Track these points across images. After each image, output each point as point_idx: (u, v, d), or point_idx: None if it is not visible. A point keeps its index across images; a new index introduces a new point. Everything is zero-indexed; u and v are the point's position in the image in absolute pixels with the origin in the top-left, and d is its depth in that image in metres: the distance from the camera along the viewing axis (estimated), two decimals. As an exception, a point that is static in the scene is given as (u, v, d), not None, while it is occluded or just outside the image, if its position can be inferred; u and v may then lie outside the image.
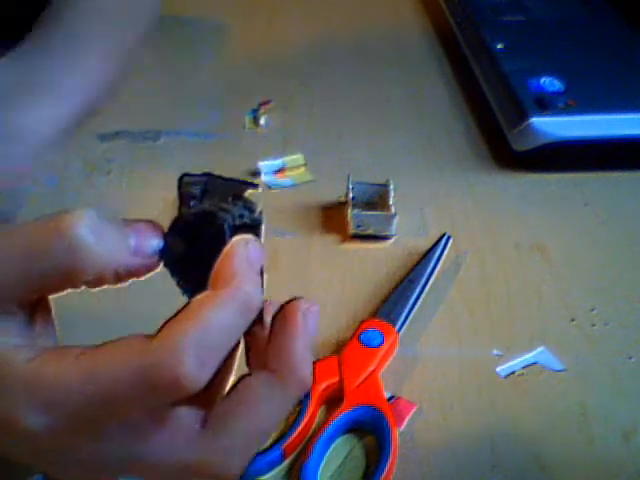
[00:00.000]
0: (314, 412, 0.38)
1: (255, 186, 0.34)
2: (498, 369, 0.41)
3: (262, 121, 0.63)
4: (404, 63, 0.74)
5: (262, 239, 0.33)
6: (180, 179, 0.32)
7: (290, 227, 0.52)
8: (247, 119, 0.64)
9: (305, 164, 0.58)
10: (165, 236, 0.29)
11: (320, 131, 0.63)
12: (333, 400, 0.39)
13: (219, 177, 0.33)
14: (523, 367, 0.41)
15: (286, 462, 0.36)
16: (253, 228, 0.33)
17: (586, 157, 0.57)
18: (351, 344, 0.41)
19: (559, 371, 0.41)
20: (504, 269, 0.48)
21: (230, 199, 0.34)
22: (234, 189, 0.34)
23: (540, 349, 0.42)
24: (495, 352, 0.42)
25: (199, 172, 0.33)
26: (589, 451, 0.37)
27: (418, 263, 0.47)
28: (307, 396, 0.38)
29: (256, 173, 0.56)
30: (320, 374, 0.39)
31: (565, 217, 0.53)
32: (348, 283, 0.47)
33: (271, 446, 0.36)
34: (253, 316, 0.28)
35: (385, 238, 0.50)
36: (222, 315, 0.27)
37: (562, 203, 0.55)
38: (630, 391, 0.40)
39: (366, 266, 0.48)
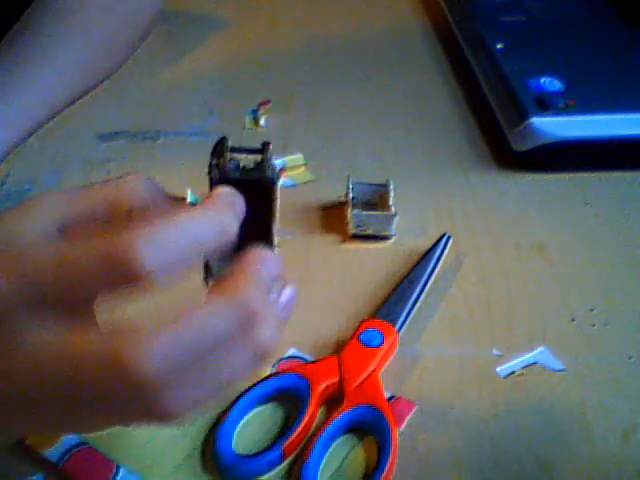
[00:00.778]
0: (314, 412, 0.38)
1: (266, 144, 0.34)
2: (498, 369, 0.41)
3: (262, 121, 0.63)
4: (404, 63, 0.74)
5: (277, 207, 0.33)
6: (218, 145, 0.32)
7: (290, 227, 0.52)
8: (247, 119, 0.64)
9: (305, 164, 0.58)
10: None
11: (320, 131, 0.63)
12: (333, 400, 0.39)
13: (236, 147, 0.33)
14: (523, 367, 0.41)
15: (286, 462, 0.36)
16: (263, 187, 0.33)
17: (586, 157, 0.57)
18: (351, 344, 0.41)
19: (559, 371, 0.41)
20: (504, 269, 0.48)
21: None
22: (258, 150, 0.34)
23: (540, 349, 0.42)
24: (495, 352, 0.42)
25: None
26: (589, 451, 0.37)
27: (418, 263, 0.47)
28: (307, 396, 0.38)
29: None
30: (320, 374, 0.39)
31: (565, 217, 0.53)
32: (348, 283, 0.47)
33: (271, 446, 0.36)
34: (223, 242, 0.28)
35: (385, 238, 0.50)
36: (193, 224, 0.28)
37: (562, 203, 0.55)
38: (630, 391, 0.40)
39: (366, 266, 0.48)
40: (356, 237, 0.50)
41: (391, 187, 0.51)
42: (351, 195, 0.51)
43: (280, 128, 0.63)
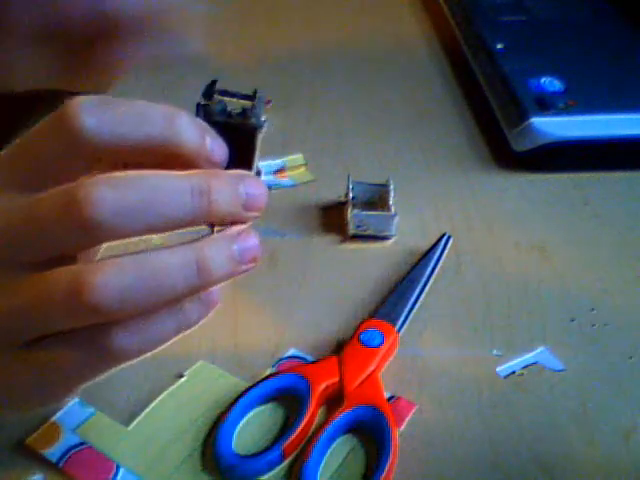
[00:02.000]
0: (314, 412, 0.38)
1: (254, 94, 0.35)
2: (498, 369, 0.41)
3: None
4: (404, 63, 0.74)
5: (257, 156, 0.34)
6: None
7: (290, 227, 0.52)
8: (247, 119, 0.64)
9: (305, 164, 0.58)
10: None
11: (320, 131, 0.63)
12: (333, 400, 0.39)
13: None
14: (523, 367, 0.41)
15: (286, 462, 0.36)
16: (245, 133, 0.33)
17: (586, 157, 0.57)
18: (351, 344, 0.41)
19: (559, 371, 0.41)
20: (504, 269, 0.48)
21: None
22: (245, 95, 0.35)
23: (540, 349, 0.42)
24: (495, 352, 0.42)
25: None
26: (589, 451, 0.37)
27: (418, 263, 0.47)
28: (307, 396, 0.38)
29: (256, 173, 0.56)
30: (320, 374, 0.39)
31: (565, 217, 0.53)
32: (348, 283, 0.47)
33: (271, 446, 0.36)
34: (165, 135, 0.29)
35: (385, 238, 0.50)
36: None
37: (562, 203, 0.55)
38: (630, 391, 0.40)
39: (366, 266, 0.48)
40: (356, 237, 0.50)
41: (391, 187, 0.51)
42: (351, 195, 0.51)
43: (280, 128, 0.63)
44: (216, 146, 0.30)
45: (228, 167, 0.31)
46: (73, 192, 0.26)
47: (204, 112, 0.32)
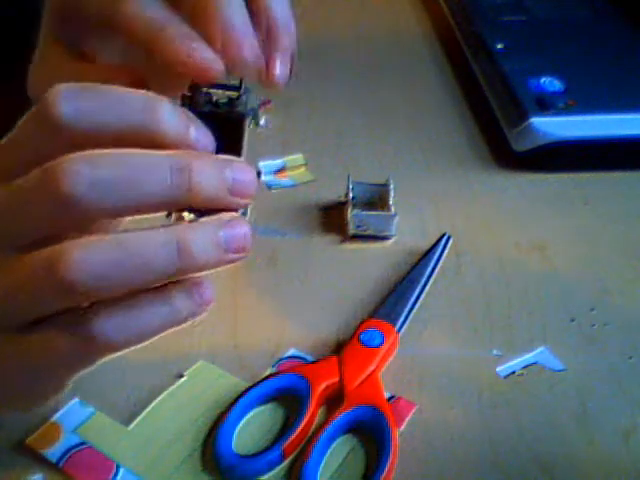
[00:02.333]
0: (314, 412, 0.38)
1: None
2: (498, 369, 0.41)
3: (262, 121, 0.63)
4: (404, 63, 0.74)
5: (244, 145, 0.33)
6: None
7: (290, 227, 0.52)
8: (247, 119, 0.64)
9: (305, 164, 0.58)
10: None
11: (320, 131, 0.63)
12: (333, 400, 0.39)
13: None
14: (523, 367, 0.41)
15: (286, 462, 0.36)
16: (232, 122, 0.33)
17: (586, 157, 0.57)
18: (351, 344, 0.41)
19: (559, 371, 0.41)
20: (504, 269, 0.48)
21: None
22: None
23: (540, 349, 0.42)
24: (495, 352, 0.42)
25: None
26: (589, 451, 0.37)
27: (418, 263, 0.47)
28: (307, 396, 0.38)
29: (256, 173, 0.56)
30: (320, 374, 0.39)
31: (565, 217, 0.53)
32: (348, 283, 0.47)
33: (271, 446, 0.36)
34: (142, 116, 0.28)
35: (385, 238, 0.50)
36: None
37: (562, 203, 0.55)
38: (630, 391, 0.40)
39: (366, 266, 0.48)
40: (356, 237, 0.50)
41: (391, 187, 0.51)
42: (351, 195, 0.51)
43: (280, 128, 0.63)
44: (201, 136, 0.29)
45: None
46: (51, 168, 0.26)
47: (189, 102, 0.32)
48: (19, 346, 0.29)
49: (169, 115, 0.28)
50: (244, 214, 0.31)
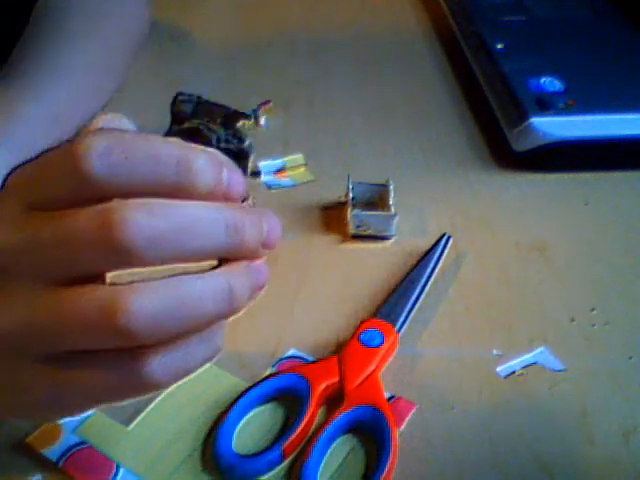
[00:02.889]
0: (314, 412, 0.38)
1: (247, 116, 0.35)
2: (498, 369, 0.41)
3: (262, 121, 0.63)
4: (404, 63, 0.74)
5: (248, 171, 0.33)
6: (174, 97, 0.33)
7: (290, 227, 0.52)
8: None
9: (305, 164, 0.58)
10: None
11: (320, 131, 0.63)
12: (333, 400, 0.39)
13: (210, 101, 0.33)
14: (523, 367, 0.41)
15: (286, 462, 0.36)
16: (240, 157, 0.33)
17: (586, 157, 0.57)
18: (351, 344, 0.41)
19: (559, 371, 0.41)
20: (504, 269, 0.48)
21: (219, 122, 0.34)
22: (224, 113, 0.35)
23: (540, 349, 0.42)
24: (495, 352, 0.42)
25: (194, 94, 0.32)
26: (589, 451, 0.37)
27: (418, 263, 0.47)
28: (307, 396, 0.38)
29: (256, 173, 0.56)
30: (320, 374, 0.39)
31: (565, 217, 0.53)
32: (348, 283, 0.47)
33: (271, 446, 0.36)
34: (183, 182, 0.27)
35: (385, 238, 0.50)
36: (159, 147, 0.27)
37: (562, 203, 0.55)
38: (630, 391, 0.40)
39: (366, 266, 0.48)
40: (356, 237, 0.50)
41: (391, 187, 0.51)
42: (351, 195, 0.51)
43: (280, 128, 0.63)
44: (234, 178, 0.29)
45: None
46: (108, 214, 0.25)
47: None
48: (45, 376, 0.28)
49: (203, 167, 0.28)
50: None
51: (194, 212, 0.27)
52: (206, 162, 0.28)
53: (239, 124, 0.35)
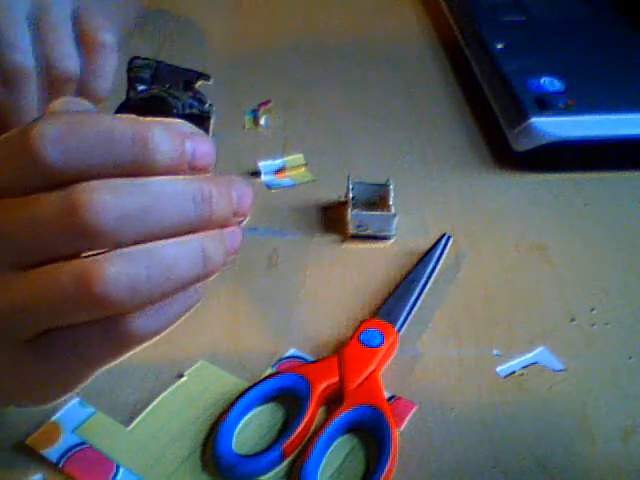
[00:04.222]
0: (314, 412, 0.38)
1: (206, 77, 0.34)
2: (498, 369, 0.41)
3: (262, 121, 0.63)
4: (404, 63, 0.74)
5: (210, 133, 0.33)
6: (130, 62, 0.32)
7: (290, 227, 0.52)
8: (247, 119, 0.64)
9: (305, 164, 0.58)
10: None
11: (320, 131, 0.63)
12: (333, 400, 0.39)
13: (169, 65, 0.33)
14: (523, 367, 0.41)
15: (286, 462, 0.36)
16: (202, 120, 0.33)
17: (586, 157, 0.57)
18: (351, 344, 0.41)
19: (559, 371, 0.41)
20: (504, 269, 0.48)
21: (182, 87, 0.34)
22: (185, 77, 0.34)
23: (540, 349, 0.42)
24: (495, 352, 0.42)
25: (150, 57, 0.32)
26: (589, 451, 0.37)
27: (418, 263, 0.47)
28: (307, 396, 0.38)
29: (256, 173, 0.56)
30: (320, 374, 0.39)
31: (565, 217, 0.53)
32: (348, 283, 0.47)
33: (271, 446, 0.36)
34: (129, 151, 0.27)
35: (385, 238, 0.50)
36: (105, 124, 0.26)
37: (562, 203, 0.55)
38: (630, 391, 0.40)
39: (366, 266, 0.48)
40: (356, 237, 0.50)
41: (391, 187, 0.51)
42: (351, 195, 0.51)
43: (280, 128, 0.63)
44: (200, 151, 0.28)
45: None
46: (72, 198, 0.25)
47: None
48: (38, 354, 0.28)
49: (161, 142, 0.27)
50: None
51: (159, 187, 0.27)
52: (163, 135, 0.27)
53: (197, 85, 0.34)
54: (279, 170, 0.57)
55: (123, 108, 0.30)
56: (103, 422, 0.38)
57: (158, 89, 0.32)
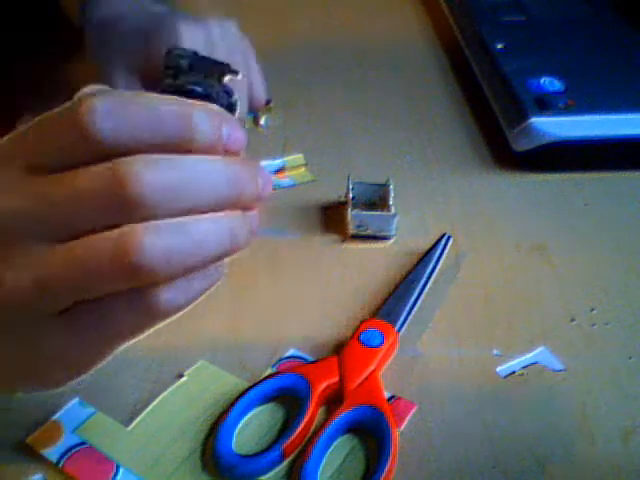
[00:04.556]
0: (314, 412, 0.38)
1: (235, 72, 0.35)
2: (498, 369, 0.41)
3: (262, 121, 0.63)
4: (404, 63, 0.74)
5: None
6: (168, 52, 0.33)
7: (290, 227, 0.52)
8: (247, 119, 0.64)
9: (305, 164, 0.58)
10: None
11: (320, 131, 0.63)
12: (333, 400, 0.39)
13: (204, 57, 0.34)
14: (523, 367, 0.41)
15: (286, 462, 0.36)
16: (229, 111, 0.34)
17: (586, 157, 0.57)
18: (351, 344, 0.41)
19: (559, 371, 0.41)
20: (504, 269, 0.48)
21: (216, 77, 0.35)
22: (218, 70, 0.35)
23: (540, 349, 0.42)
24: (495, 352, 0.42)
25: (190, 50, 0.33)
26: (589, 451, 0.37)
27: (418, 263, 0.47)
28: (307, 396, 0.38)
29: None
30: (320, 374, 0.39)
31: (565, 217, 0.53)
32: (348, 283, 0.47)
33: (271, 446, 0.36)
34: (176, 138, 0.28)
35: (385, 238, 0.50)
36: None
37: (562, 203, 0.55)
38: (630, 391, 0.40)
39: (366, 266, 0.48)
40: (356, 237, 0.50)
41: (391, 187, 0.51)
42: (351, 195, 0.51)
43: (280, 128, 0.63)
44: (233, 136, 0.30)
45: None
46: (119, 170, 0.26)
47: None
48: (64, 328, 0.28)
49: (202, 121, 0.29)
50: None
51: (198, 165, 0.28)
52: (203, 116, 0.29)
53: (226, 78, 0.35)
54: (279, 170, 0.57)
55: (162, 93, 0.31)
56: (103, 422, 0.38)
57: (192, 79, 0.33)
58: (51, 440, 0.36)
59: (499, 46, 0.67)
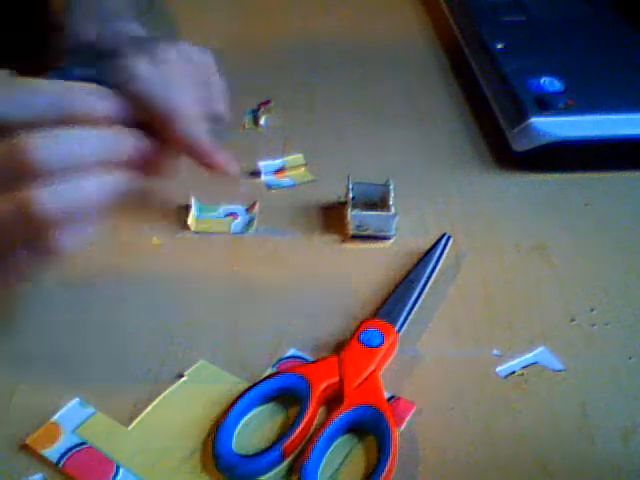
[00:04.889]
0: (314, 412, 0.38)
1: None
2: (498, 369, 0.41)
3: (262, 121, 0.63)
4: (404, 63, 0.74)
5: None
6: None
7: (290, 227, 0.52)
8: (247, 119, 0.64)
9: (305, 164, 0.58)
10: None
11: (320, 131, 0.63)
12: (333, 400, 0.39)
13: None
14: (523, 367, 0.41)
15: (286, 462, 0.36)
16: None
17: (586, 157, 0.57)
18: (351, 344, 0.41)
19: (559, 371, 0.41)
20: (504, 269, 0.48)
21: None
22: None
23: (540, 349, 0.42)
24: (495, 352, 0.42)
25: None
26: (589, 451, 0.37)
27: (418, 263, 0.47)
28: (307, 396, 0.38)
29: (256, 173, 0.56)
30: (320, 374, 0.39)
31: (565, 217, 0.53)
32: (348, 283, 0.47)
33: (271, 446, 0.36)
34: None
35: (385, 238, 0.50)
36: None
37: (562, 203, 0.55)
38: (630, 391, 0.40)
39: (366, 266, 0.48)
40: (356, 237, 0.50)
41: (391, 187, 0.51)
42: (351, 195, 0.51)
43: (280, 128, 0.63)
44: (99, 105, 0.36)
45: None
46: (16, 142, 0.34)
47: None
48: None
49: (82, 100, 0.36)
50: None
51: (76, 133, 0.35)
52: (84, 96, 0.36)
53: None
54: (279, 170, 0.57)
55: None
56: (103, 422, 0.38)
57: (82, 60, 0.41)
58: (51, 440, 0.36)
59: (499, 46, 0.67)
